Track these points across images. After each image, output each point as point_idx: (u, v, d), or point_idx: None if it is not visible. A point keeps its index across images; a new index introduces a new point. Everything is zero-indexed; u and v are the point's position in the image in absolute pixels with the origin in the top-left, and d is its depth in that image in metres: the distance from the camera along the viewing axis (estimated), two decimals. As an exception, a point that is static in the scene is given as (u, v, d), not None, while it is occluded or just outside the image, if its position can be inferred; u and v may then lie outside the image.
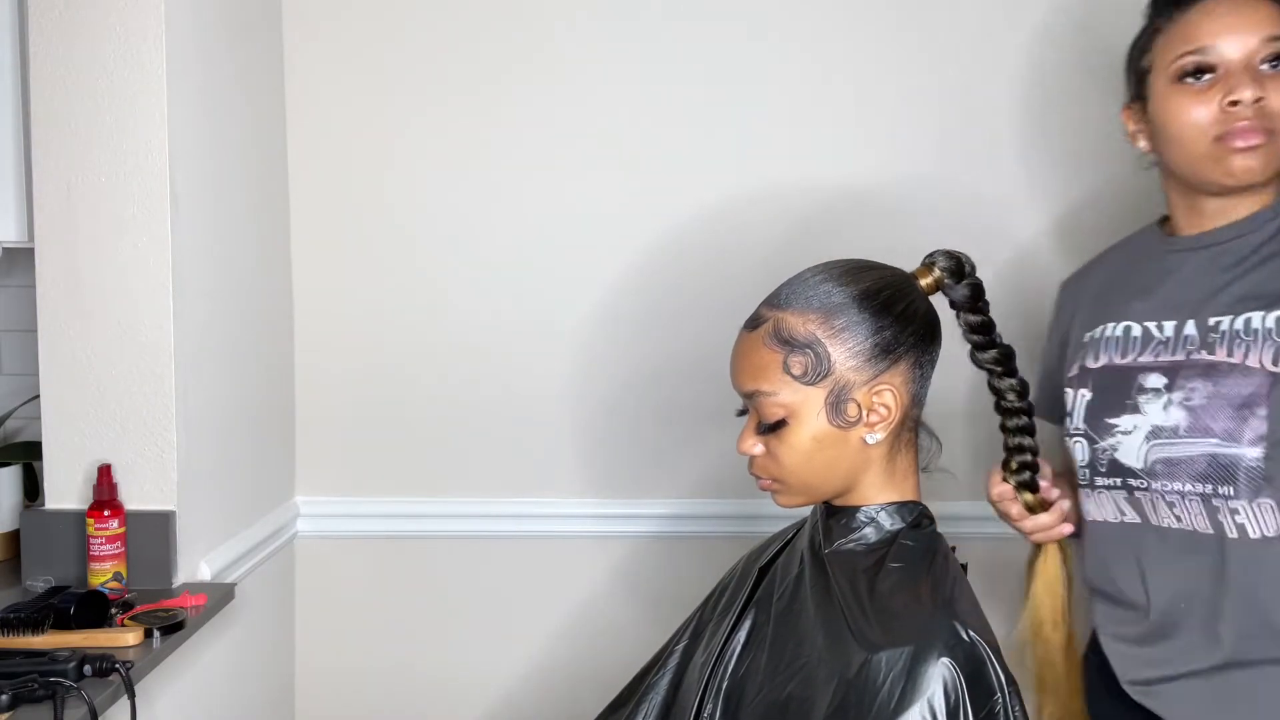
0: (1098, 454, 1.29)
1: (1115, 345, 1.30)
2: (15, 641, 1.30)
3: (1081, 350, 1.34)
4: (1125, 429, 1.26)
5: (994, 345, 1.19)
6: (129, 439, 1.51)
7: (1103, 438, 1.28)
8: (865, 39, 1.86)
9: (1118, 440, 1.26)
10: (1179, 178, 1.27)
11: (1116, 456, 1.26)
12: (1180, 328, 1.24)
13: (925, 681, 0.97)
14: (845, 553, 1.12)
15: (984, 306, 1.18)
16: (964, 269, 1.17)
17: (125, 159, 1.48)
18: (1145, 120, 1.29)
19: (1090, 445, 1.30)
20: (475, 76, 1.88)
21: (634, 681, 1.30)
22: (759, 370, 1.10)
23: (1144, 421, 1.24)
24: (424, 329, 1.92)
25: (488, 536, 1.95)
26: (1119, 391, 1.27)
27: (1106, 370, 1.29)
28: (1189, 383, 1.21)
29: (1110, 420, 1.27)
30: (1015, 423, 1.23)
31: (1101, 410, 1.28)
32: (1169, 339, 1.25)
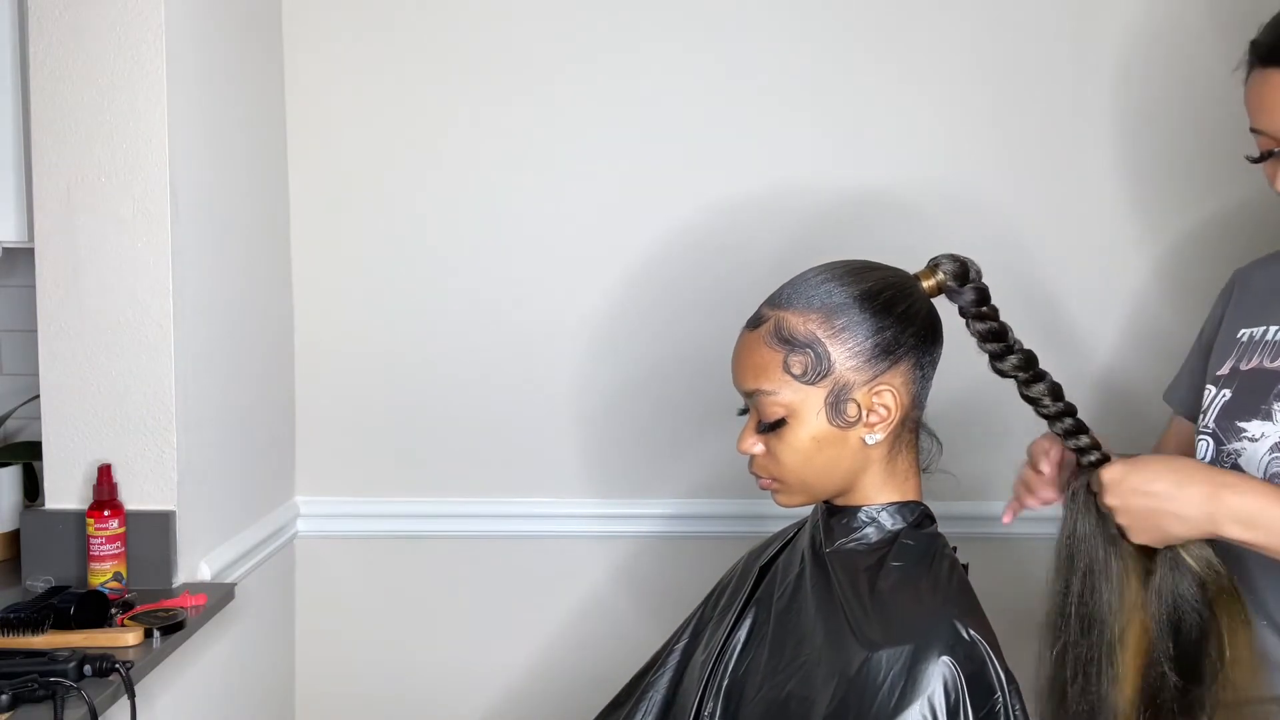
0: (1221, 456, 1.23)
1: (1271, 349, 1.24)
2: (15, 641, 1.30)
3: (1236, 349, 1.28)
4: (1253, 435, 1.21)
5: (1011, 351, 1.14)
6: (129, 439, 1.51)
7: (1229, 440, 1.23)
8: (869, 39, 1.86)
9: (1243, 445, 1.21)
10: None
11: (1240, 463, 1.21)
12: None
13: (925, 680, 0.97)
14: (846, 552, 1.12)
15: (991, 312, 1.14)
16: (969, 273, 1.14)
17: (125, 159, 1.48)
18: None
19: (1216, 446, 1.25)
20: (475, 77, 1.88)
21: (634, 680, 1.31)
22: (759, 369, 1.11)
23: (1273, 431, 1.19)
24: (424, 329, 1.92)
25: (488, 536, 1.95)
26: (1258, 395, 1.22)
27: (1254, 373, 1.23)
28: None
29: (1241, 424, 1.22)
30: (1063, 426, 1.15)
31: (1235, 412, 1.23)
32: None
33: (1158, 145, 1.87)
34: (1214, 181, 1.86)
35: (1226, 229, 1.85)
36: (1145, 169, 1.87)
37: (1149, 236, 1.88)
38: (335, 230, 1.91)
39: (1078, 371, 1.84)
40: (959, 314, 1.16)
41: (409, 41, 1.88)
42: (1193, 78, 1.84)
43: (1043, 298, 1.89)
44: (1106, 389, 1.90)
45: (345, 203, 1.91)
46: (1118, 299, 1.90)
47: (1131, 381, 1.89)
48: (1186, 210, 1.88)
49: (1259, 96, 1.16)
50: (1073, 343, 1.89)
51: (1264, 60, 1.15)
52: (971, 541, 1.34)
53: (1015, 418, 1.22)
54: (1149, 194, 1.87)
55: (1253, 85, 1.17)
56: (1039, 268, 1.88)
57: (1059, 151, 1.87)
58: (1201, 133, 1.85)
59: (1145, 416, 1.74)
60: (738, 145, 1.88)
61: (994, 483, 1.84)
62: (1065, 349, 1.87)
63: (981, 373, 1.19)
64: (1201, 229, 1.88)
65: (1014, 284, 1.56)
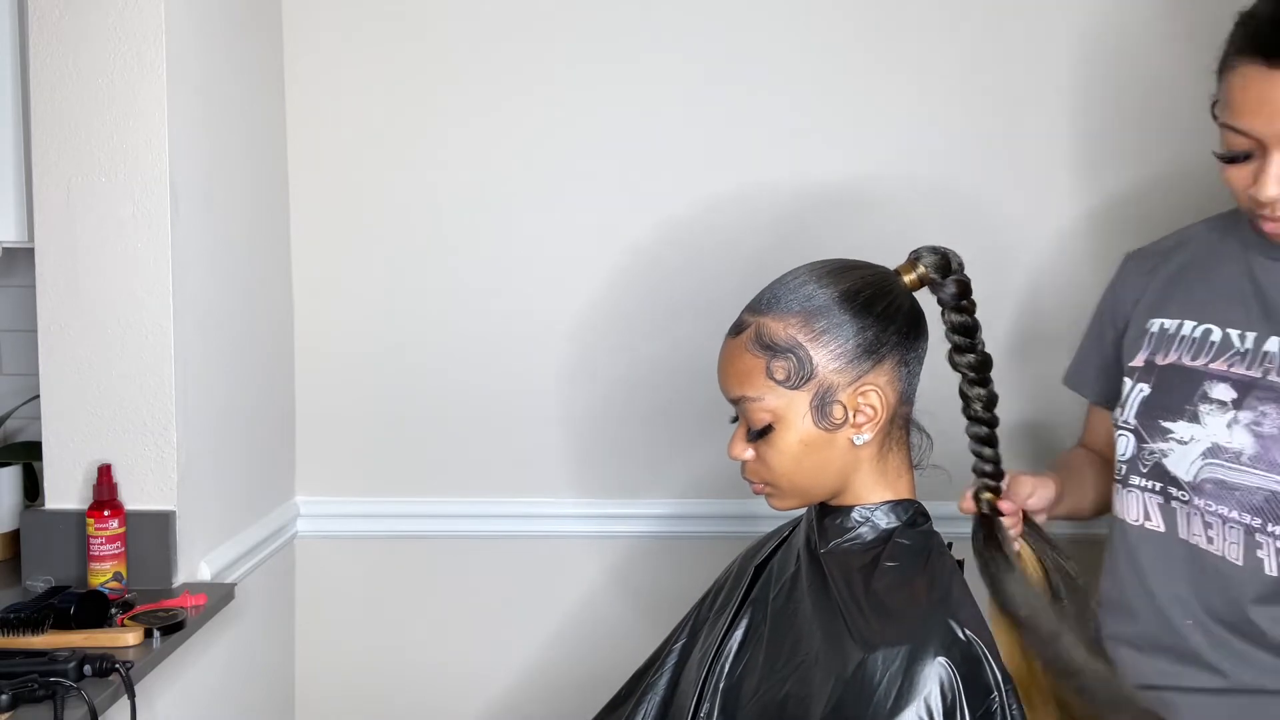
0: (1143, 453, 1.25)
1: (1189, 345, 1.24)
2: (15, 641, 1.30)
3: (1150, 340, 1.29)
4: (1181, 437, 1.21)
5: (973, 350, 1.16)
6: (129, 439, 1.52)
7: (1153, 439, 1.24)
8: (856, 39, 1.86)
9: (1170, 446, 1.22)
10: None
11: (1164, 462, 1.23)
12: (1262, 341, 1.18)
13: (922, 680, 0.97)
14: (841, 552, 1.11)
15: (969, 305, 1.15)
16: (950, 265, 1.14)
17: (125, 159, 1.49)
18: None
19: (1138, 443, 1.26)
20: (473, 77, 1.88)
21: (632, 680, 1.31)
22: (743, 376, 1.10)
23: (1204, 435, 1.20)
24: (423, 329, 1.92)
25: (487, 536, 1.95)
26: (1181, 394, 1.22)
27: (1173, 369, 1.24)
28: (1261, 405, 1.16)
29: (1165, 424, 1.23)
30: (976, 432, 1.18)
31: (1158, 410, 1.24)
32: (1248, 350, 1.19)
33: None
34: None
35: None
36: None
37: (1112, 230, 1.86)
38: (335, 230, 1.92)
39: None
40: (937, 304, 1.16)
41: (408, 42, 1.88)
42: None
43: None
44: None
45: (345, 203, 1.91)
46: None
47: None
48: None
49: (1252, 95, 1.08)
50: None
51: (1265, 57, 1.06)
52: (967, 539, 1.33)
53: (1004, 410, 1.22)
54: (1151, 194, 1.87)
55: (1244, 81, 1.09)
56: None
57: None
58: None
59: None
60: (732, 145, 1.88)
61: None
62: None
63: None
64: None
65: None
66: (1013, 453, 1.77)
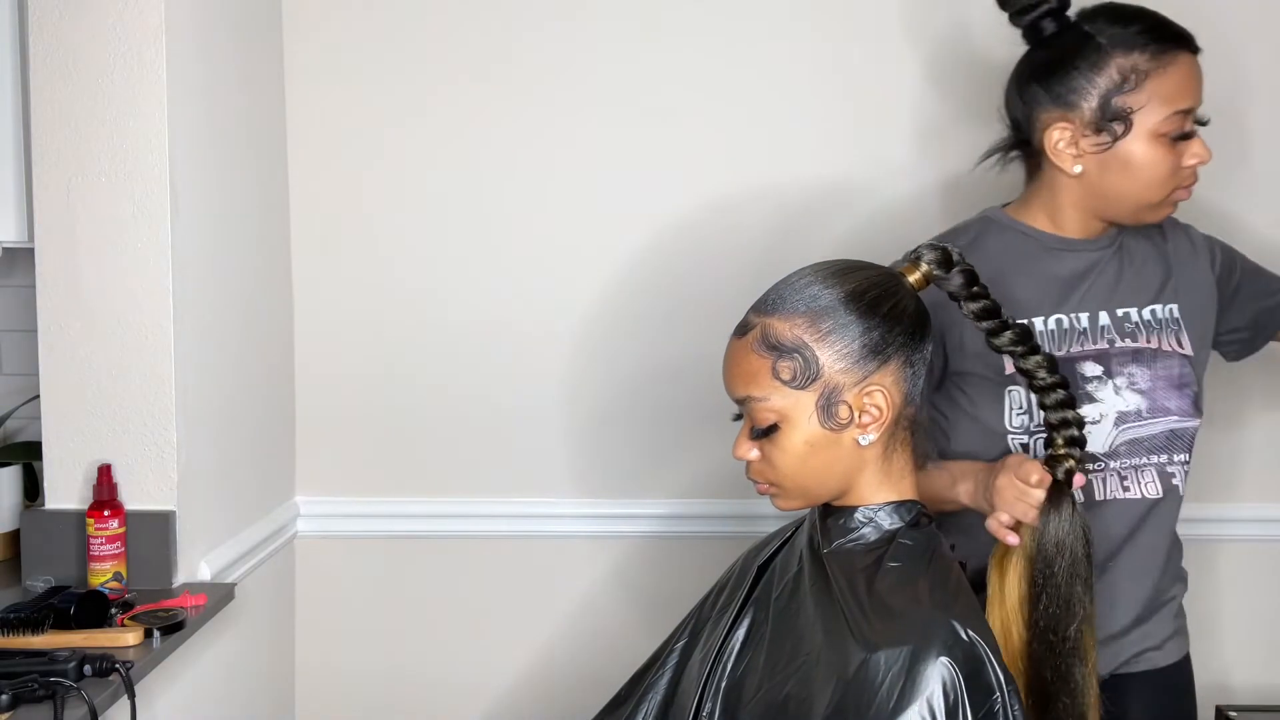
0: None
1: (1050, 339, 1.35)
2: (15, 641, 1.30)
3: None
4: (1092, 418, 1.32)
5: (1007, 326, 1.15)
6: (129, 439, 1.51)
7: None
8: (854, 36, 1.86)
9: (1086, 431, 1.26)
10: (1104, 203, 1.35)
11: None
12: (1095, 318, 1.36)
13: (924, 681, 0.97)
14: (844, 552, 1.11)
15: (982, 291, 1.15)
16: (951, 258, 1.14)
17: (125, 159, 1.48)
18: (1097, 149, 1.31)
19: None
20: (473, 78, 1.88)
21: (633, 680, 1.30)
22: (749, 377, 1.10)
23: (1108, 409, 1.35)
24: (423, 330, 1.92)
25: (487, 536, 1.95)
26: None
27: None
28: (1125, 368, 1.35)
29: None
30: (1055, 397, 1.16)
31: None
32: (1085, 329, 1.36)
33: None
34: None
35: None
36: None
37: None
38: (335, 230, 1.91)
39: None
40: (950, 298, 1.16)
41: (409, 41, 1.88)
42: None
43: None
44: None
45: (345, 203, 1.91)
46: None
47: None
48: None
49: (1193, 79, 1.30)
50: None
51: (1193, 47, 1.31)
52: (971, 541, 1.33)
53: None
54: None
55: (1182, 69, 1.29)
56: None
57: None
58: None
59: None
60: (733, 146, 1.88)
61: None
62: None
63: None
64: None
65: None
66: None
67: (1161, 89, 1.28)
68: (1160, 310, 1.38)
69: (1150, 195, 1.32)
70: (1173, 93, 1.28)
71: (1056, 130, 1.33)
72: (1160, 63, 1.28)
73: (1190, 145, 1.30)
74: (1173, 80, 1.29)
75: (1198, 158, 1.31)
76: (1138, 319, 1.37)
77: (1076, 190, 1.35)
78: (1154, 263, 1.41)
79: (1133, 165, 1.30)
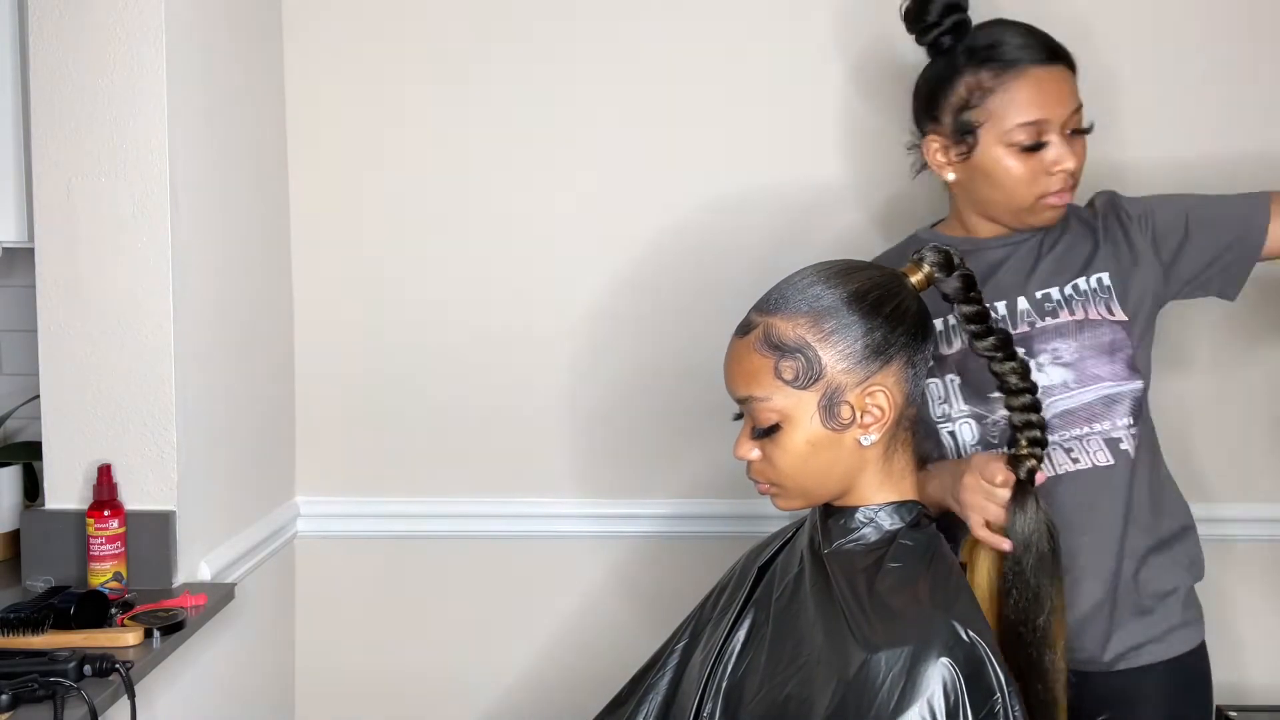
0: (988, 429, 1.41)
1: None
2: (15, 641, 1.30)
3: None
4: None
5: (991, 332, 1.17)
6: (129, 439, 1.51)
7: (992, 412, 1.40)
8: (857, 38, 1.86)
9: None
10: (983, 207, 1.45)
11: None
12: (1013, 305, 1.43)
13: (925, 681, 0.97)
14: (845, 553, 1.12)
15: (977, 296, 1.17)
16: (953, 261, 1.15)
17: (125, 159, 1.48)
18: (959, 159, 1.42)
19: (979, 423, 1.41)
20: (474, 78, 1.88)
21: (633, 681, 1.30)
22: (751, 376, 1.11)
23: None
24: (424, 329, 1.92)
25: (487, 536, 1.95)
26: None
27: (965, 354, 1.40)
28: (1049, 344, 1.40)
29: (993, 395, 1.34)
30: (1021, 401, 1.18)
31: (980, 388, 1.40)
32: (1004, 316, 1.42)
33: None
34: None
35: None
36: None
37: None
38: (335, 230, 1.91)
39: None
40: (943, 299, 1.17)
41: (409, 41, 1.88)
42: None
43: None
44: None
45: (345, 203, 1.91)
46: None
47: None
48: None
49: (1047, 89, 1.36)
50: None
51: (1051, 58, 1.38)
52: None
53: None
54: None
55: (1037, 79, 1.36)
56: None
57: None
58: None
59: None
60: (736, 145, 1.88)
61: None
62: None
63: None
64: None
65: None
66: None
67: (1005, 103, 1.36)
68: (1086, 282, 1.42)
69: (1016, 200, 1.40)
70: (1018, 106, 1.36)
71: (933, 142, 1.45)
72: (1002, 80, 1.37)
73: (1045, 153, 1.36)
74: (1017, 95, 1.36)
75: (1056, 164, 1.37)
76: (1059, 296, 1.42)
77: (961, 196, 1.47)
78: (1081, 240, 1.46)
79: (991, 174, 1.40)
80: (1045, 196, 1.39)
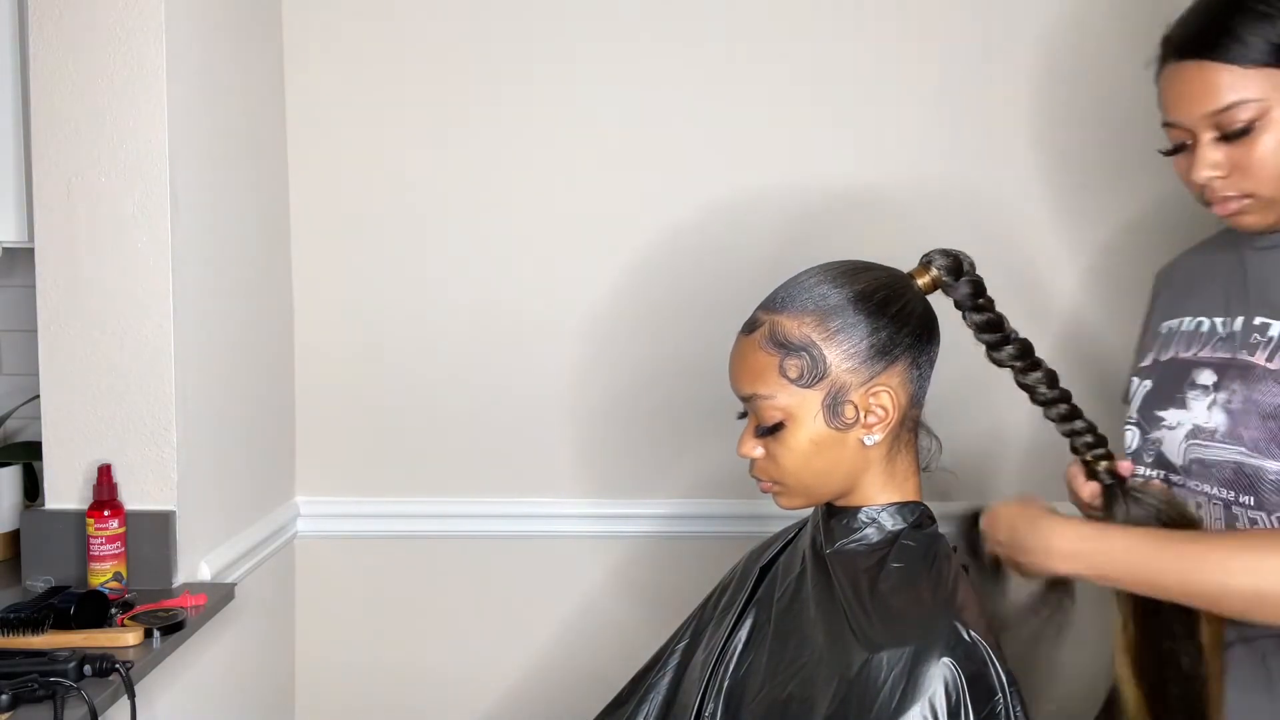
0: (1146, 444, 1.28)
1: (1184, 339, 1.28)
2: (15, 641, 1.30)
3: (1157, 340, 1.32)
4: (1170, 424, 1.25)
5: (1009, 340, 1.15)
6: (129, 439, 1.51)
7: (1152, 429, 1.27)
8: (864, 38, 1.86)
9: (1162, 434, 1.25)
10: None
11: (1162, 450, 1.26)
12: (1230, 324, 1.23)
13: (926, 681, 0.97)
14: (847, 553, 1.12)
15: (987, 303, 1.16)
16: (962, 267, 1.15)
17: (125, 159, 1.48)
18: None
19: (1141, 435, 1.29)
20: (475, 78, 1.88)
21: (634, 680, 1.31)
22: (756, 374, 1.11)
23: (1187, 419, 1.23)
24: (424, 329, 1.92)
25: (488, 536, 1.95)
26: (1174, 384, 1.26)
27: (1170, 363, 1.28)
28: (1231, 384, 1.19)
29: (1159, 413, 1.26)
30: (1058, 411, 1.16)
31: (1155, 402, 1.28)
32: (1230, 334, 1.22)
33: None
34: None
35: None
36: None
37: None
38: (335, 230, 1.91)
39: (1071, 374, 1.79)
40: (955, 307, 1.16)
41: (408, 41, 1.87)
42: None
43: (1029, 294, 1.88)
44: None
45: (345, 203, 1.91)
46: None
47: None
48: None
49: (1172, 89, 1.19)
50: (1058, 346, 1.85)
51: (1177, 54, 1.18)
52: (973, 541, 1.33)
53: (1011, 409, 1.21)
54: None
55: (1166, 79, 1.20)
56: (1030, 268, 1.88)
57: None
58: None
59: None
60: (737, 144, 1.88)
61: (995, 481, 1.84)
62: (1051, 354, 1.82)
63: (980, 368, 1.19)
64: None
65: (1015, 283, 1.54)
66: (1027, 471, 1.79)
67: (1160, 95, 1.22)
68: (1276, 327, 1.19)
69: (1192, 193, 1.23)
70: (1160, 104, 1.22)
71: None
72: (1161, 67, 1.21)
73: (1179, 160, 1.22)
74: (1162, 88, 1.22)
75: (1186, 174, 1.21)
76: (1275, 334, 1.18)
77: None
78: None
79: None
80: (1210, 206, 1.21)
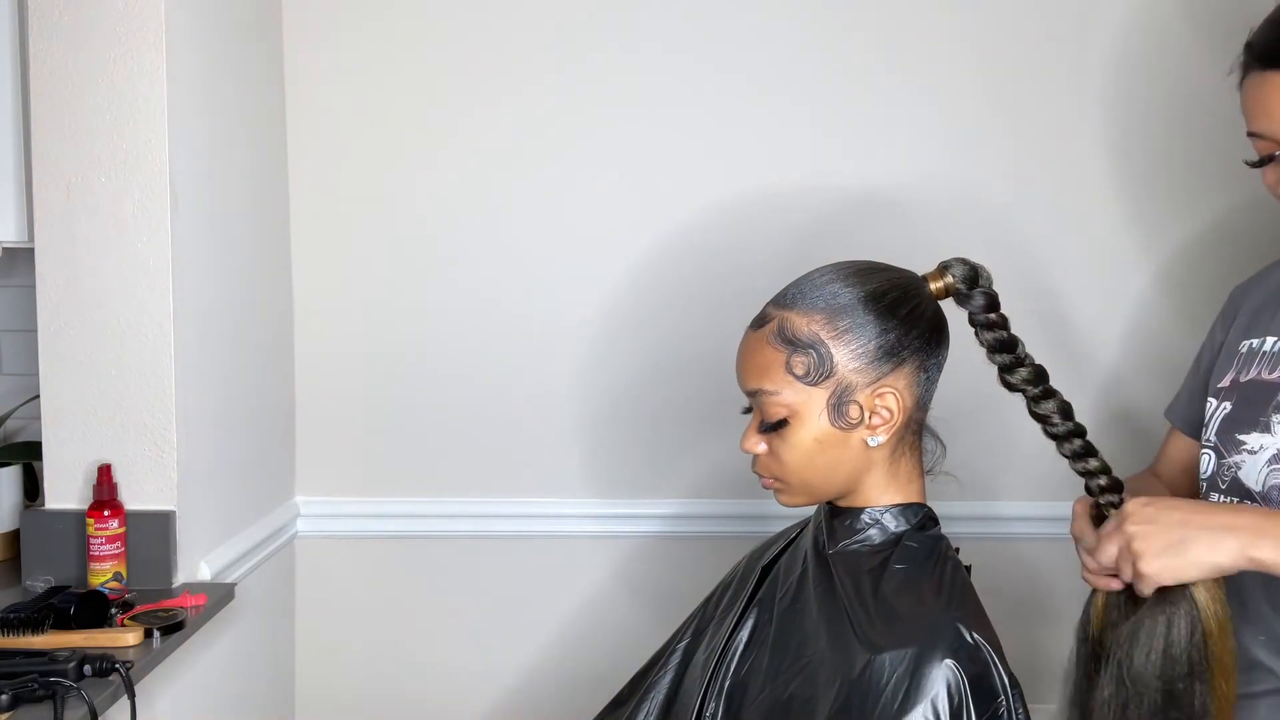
0: (1222, 469, 1.22)
1: (1269, 360, 1.23)
2: (15, 641, 1.30)
3: (1237, 360, 1.27)
4: (1252, 448, 1.19)
5: (1022, 364, 1.13)
6: (129, 439, 1.51)
7: (1230, 453, 1.22)
8: (875, 39, 1.86)
9: (1243, 458, 1.20)
10: None
11: (1239, 475, 1.20)
12: None
13: (929, 683, 0.97)
14: (849, 553, 1.11)
15: (1000, 320, 1.13)
16: (979, 278, 1.13)
17: (125, 159, 1.48)
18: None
19: (1217, 459, 1.23)
20: (476, 76, 1.88)
21: (635, 680, 1.30)
22: (762, 369, 1.10)
23: (1271, 443, 1.18)
24: (424, 329, 1.92)
25: (488, 536, 1.95)
26: (1256, 407, 1.21)
27: (1253, 385, 1.22)
28: None
29: (1240, 436, 1.21)
30: (1071, 448, 1.12)
31: (1235, 425, 1.22)
32: None
33: (1152, 154, 1.86)
34: (1209, 190, 1.85)
35: (1224, 237, 1.85)
36: (1141, 179, 1.86)
37: (1149, 247, 1.87)
38: (335, 230, 1.91)
39: (1079, 386, 1.79)
40: (968, 322, 1.14)
41: (409, 41, 1.87)
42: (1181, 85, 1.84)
43: (1044, 308, 1.88)
44: (1108, 404, 1.89)
45: (345, 203, 1.91)
46: (1119, 312, 1.88)
47: (1134, 398, 1.87)
48: (1184, 220, 1.87)
49: (1257, 99, 1.14)
50: (1073, 358, 1.88)
51: (1261, 62, 1.13)
52: (976, 543, 1.33)
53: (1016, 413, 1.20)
54: (1147, 205, 1.87)
55: (1250, 88, 1.15)
56: (1040, 276, 1.87)
57: (1058, 159, 1.86)
58: (1195, 140, 1.84)
59: (1147, 433, 1.73)
60: (740, 145, 1.87)
61: (997, 483, 1.84)
62: (1065, 363, 1.85)
63: (986, 373, 1.19)
64: (1200, 238, 1.87)
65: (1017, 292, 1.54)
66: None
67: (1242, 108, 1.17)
68: None
69: None
70: (1243, 113, 1.16)
71: None
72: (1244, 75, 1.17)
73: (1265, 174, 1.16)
74: (1241, 101, 1.17)
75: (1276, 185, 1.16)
76: None
77: None
78: None
79: None
80: None
